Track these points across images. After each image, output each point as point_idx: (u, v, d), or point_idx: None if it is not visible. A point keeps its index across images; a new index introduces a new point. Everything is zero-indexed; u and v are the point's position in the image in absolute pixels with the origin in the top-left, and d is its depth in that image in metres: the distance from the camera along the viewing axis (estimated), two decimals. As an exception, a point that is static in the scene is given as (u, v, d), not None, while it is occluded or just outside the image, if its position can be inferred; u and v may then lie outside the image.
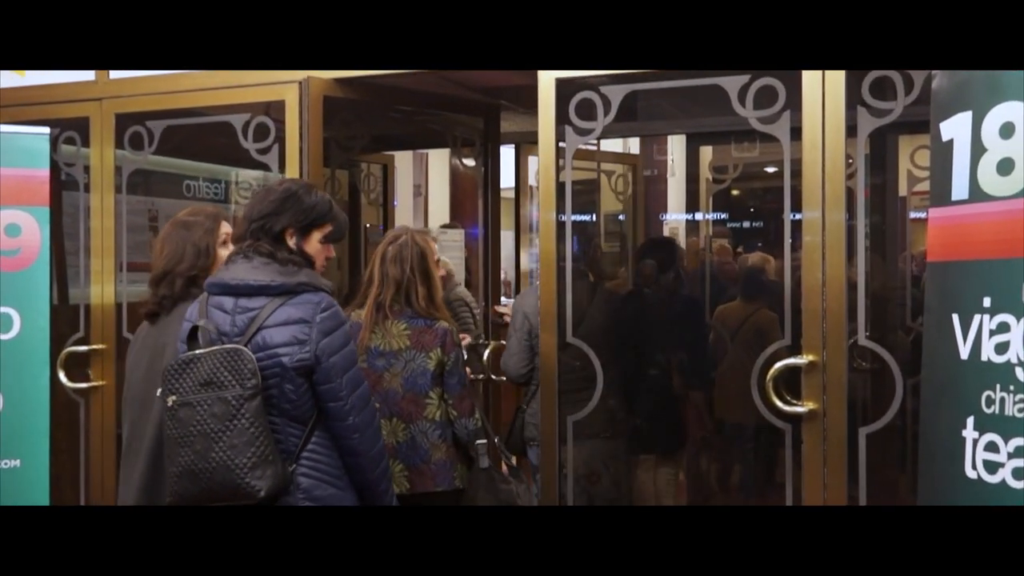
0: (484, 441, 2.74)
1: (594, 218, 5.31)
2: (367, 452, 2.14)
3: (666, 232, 9.24)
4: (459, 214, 8.53)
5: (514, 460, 3.42)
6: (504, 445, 3.11)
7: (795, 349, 2.62)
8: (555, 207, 2.88)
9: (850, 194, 2.61)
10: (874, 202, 4.36)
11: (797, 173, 2.60)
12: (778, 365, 2.59)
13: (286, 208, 2.17)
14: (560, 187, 2.89)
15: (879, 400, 3.20)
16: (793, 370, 2.59)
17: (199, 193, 4.48)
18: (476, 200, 4.32)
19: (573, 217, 2.88)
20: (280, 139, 3.22)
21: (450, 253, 7.42)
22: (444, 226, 8.07)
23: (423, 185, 8.82)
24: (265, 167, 3.29)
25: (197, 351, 2.06)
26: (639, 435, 3.74)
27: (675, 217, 9.44)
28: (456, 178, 8.69)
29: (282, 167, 3.20)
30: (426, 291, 2.75)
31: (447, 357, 2.73)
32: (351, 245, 4.87)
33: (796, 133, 2.60)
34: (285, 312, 2.08)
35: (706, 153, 5.34)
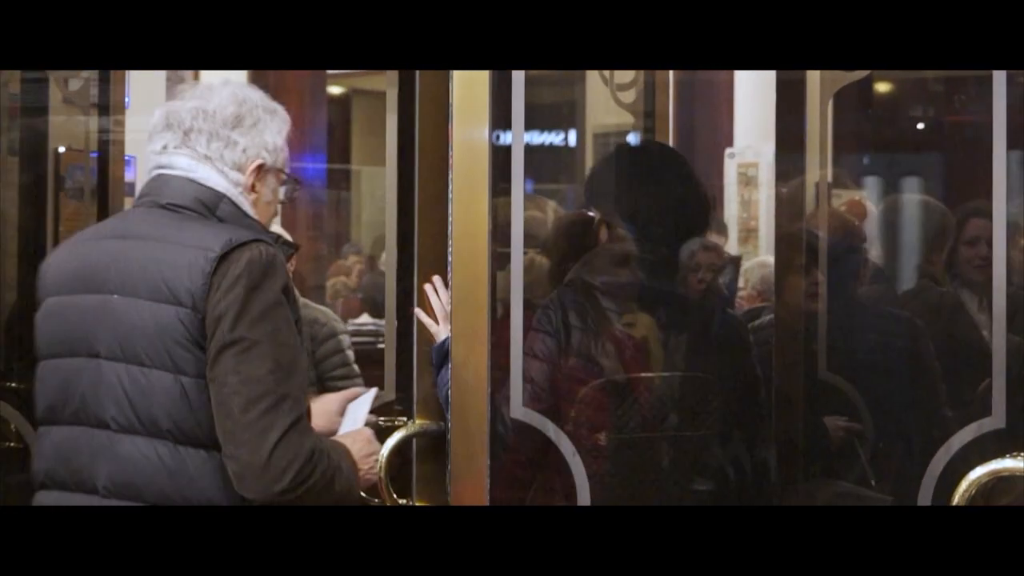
0: None
1: (572, 141, 5.35)
2: None
3: (733, 175, 9.36)
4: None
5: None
6: None
7: (1014, 436, 2.70)
8: (488, 117, 2.94)
9: None
10: None
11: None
12: (978, 473, 2.65)
13: None
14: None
15: None
16: (1008, 482, 2.66)
17: None
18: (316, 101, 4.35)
19: (528, 138, 2.91)
20: None
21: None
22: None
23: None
24: None
25: None
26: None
27: (753, 149, 9.55)
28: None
29: None
30: None
31: None
32: (25, 193, 5.05)
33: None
34: None
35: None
